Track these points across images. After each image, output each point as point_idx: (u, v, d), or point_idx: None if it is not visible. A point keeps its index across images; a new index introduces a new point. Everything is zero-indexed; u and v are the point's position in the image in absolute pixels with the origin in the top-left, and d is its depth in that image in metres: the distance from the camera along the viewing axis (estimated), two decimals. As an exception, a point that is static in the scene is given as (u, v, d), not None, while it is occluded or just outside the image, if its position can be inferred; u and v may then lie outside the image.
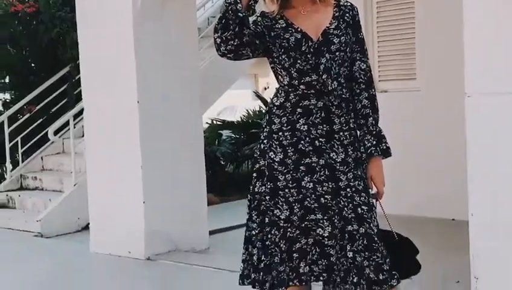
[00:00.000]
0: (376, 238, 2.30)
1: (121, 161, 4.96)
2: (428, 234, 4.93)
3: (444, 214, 5.35)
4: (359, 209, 2.32)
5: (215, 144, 8.40)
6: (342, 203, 2.32)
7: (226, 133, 8.93)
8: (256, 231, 2.41)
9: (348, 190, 2.33)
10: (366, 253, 2.28)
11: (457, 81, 3.25)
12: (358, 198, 2.33)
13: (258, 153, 2.44)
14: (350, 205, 2.32)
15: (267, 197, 2.37)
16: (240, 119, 9.29)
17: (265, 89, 20.33)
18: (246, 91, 17.95)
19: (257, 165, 2.43)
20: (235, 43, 2.30)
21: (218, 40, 2.31)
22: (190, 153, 5.10)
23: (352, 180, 2.34)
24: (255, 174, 2.43)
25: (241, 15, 2.27)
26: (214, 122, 9.09)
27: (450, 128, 4.43)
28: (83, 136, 5.53)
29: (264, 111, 8.84)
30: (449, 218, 5.30)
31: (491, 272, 3.21)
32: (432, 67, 5.56)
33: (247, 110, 9.61)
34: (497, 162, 3.16)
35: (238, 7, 2.26)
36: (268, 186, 2.36)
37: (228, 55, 2.34)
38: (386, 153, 2.42)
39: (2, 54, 7.56)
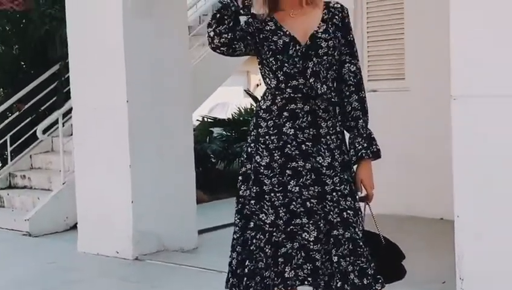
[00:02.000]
0: (361, 243, 2.30)
1: (109, 159, 4.95)
2: (416, 234, 4.95)
3: (432, 214, 5.38)
4: (345, 213, 2.31)
5: (206, 142, 8.39)
6: (328, 207, 2.31)
7: (217, 130, 8.92)
8: (238, 235, 2.40)
9: (334, 194, 2.32)
10: (351, 258, 2.28)
11: (446, 82, 3.26)
12: (344, 202, 2.32)
13: (245, 156, 2.43)
14: (336, 209, 2.31)
15: (252, 202, 2.36)
16: (231, 117, 9.29)
17: (257, 86, 20.32)
18: (238, 88, 17.94)
19: (243, 169, 2.42)
20: (229, 37, 2.31)
21: (212, 34, 2.32)
22: (179, 152, 5.09)
23: (338, 184, 2.33)
24: (240, 178, 2.43)
25: (235, 10, 2.30)
26: (205, 119, 9.08)
27: (439, 128, 4.44)
28: (72, 134, 5.51)
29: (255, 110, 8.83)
30: (437, 217, 5.32)
31: (476, 273, 3.23)
32: (421, 68, 5.58)
33: (238, 108, 9.61)
34: (483, 164, 3.18)
35: (233, 5, 2.29)
36: (254, 190, 2.35)
37: (221, 48, 2.34)
38: (377, 155, 2.41)
39: (-9, 52, 7.52)
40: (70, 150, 5.82)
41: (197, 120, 8.80)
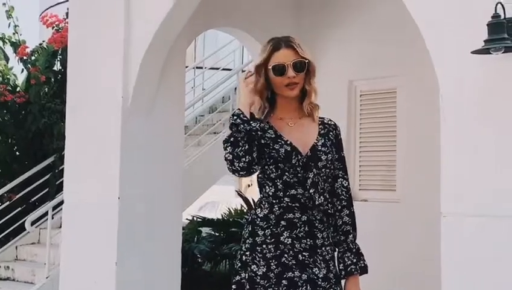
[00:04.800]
0: None
1: (95, 255, 4.88)
2: None
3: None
4: None
5: (194, 241, 8.31)
6: None
7: (205, 230, 8.86)
8: None
9: None
10: None
11: (436, 197, 3.31)
12: None
13: (239, 264, 2.41)
14: None
15: None
16: (220, 217, 9.25)
17: (248, 186, 20.36)
18: (229, 187, 17.97)
19: (237, 277, 2.40)
20: (247, 160, 2.34)
21: (230, 157, 2.35)
22: (167, 252, 5.04)
23: None
24: (234, 286, 2.40)
25: (248, 128, 2.33)
26: (195, 218, 9.03)
27: (428, 243, 4.44)
28: (61, 227, 5.46)
29: (245, 212, 8.87)
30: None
31: None
32: (412, 180, 5.64)
33: (228, 209, 9.59)
34: (472, 283, 3.16)
35: (244, 124, 2.33)
36: None
37: (241, 173, 2.37)
38: (364, 270, 2.44)
39: (-12, 142, 7.59)
40: (57, 243, 5.75)
41: (187, 219, 8.76)
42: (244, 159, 2.33)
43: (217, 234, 8.73)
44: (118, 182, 4.81)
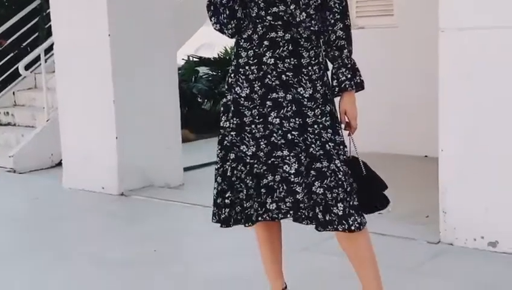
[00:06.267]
0: (341, 176, 2.26)
1: (93, 95, 4.89)
2: (400, 171, 4.98)
3: (417, 152, 5.40)
4: (327, 145, 2.26)
5: (191, 81, 8.31)
6: (310, 140, 2.27)
7: (203, 70, 8.82)
8: (218, 166, 2.38)
9: (316, 126, 2.27)
10: (338, 189, 2.25)
11: (434, 18, 3.21)
12: (325, 134, 2.27)
13: (226, 86, 2.38)
14: (318, 141, 2.26)
15: (232, 133, 2.32)
16: (217, 56, 9.17)
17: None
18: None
19: (224, 100, 2.38)
20: (233, 24, 2.31)
21: (218, 27, 2.32)
22: (164, 89, 5.03)
23: (319, 116, 2.28)
24: (222, 108, 2.39)
25: None
26: (191, 58, 8.96)
27: (426, 66, 4.40)
28: (55, 70, 5.41)
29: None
30: (422, 155, 5.35)
31: (459, 206, 3.27)
32: (409, 4, 5.49)
33: (224, 47, 9.47)
34: (469, 98, 3.17)
35: None
36: (235, 122, 2.32)
37: (234, 36, 2.35)
38: (360, 86, 2.34)
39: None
40: (54, 86, 5.73)
41: (183, 59, 8.68)
42: (230, 25, 2.30)
43: (214, 73, 8.71)
44: (107, 20, 4.68)
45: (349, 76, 2.32)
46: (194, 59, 8.97)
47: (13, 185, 5.46)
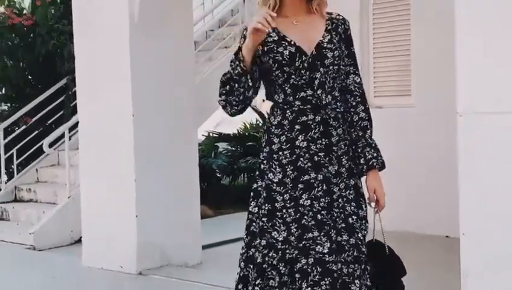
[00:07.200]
0: (363, 249, 2.28)
1: (114, 173, 4.95)
2: (421, 250, 4.92)
3: (437, 231, 5.34)
4: (350, 219, 2.31)
5: (211, 157, 8.39)
6: (335, 214, 2.30)
7: (222, 145, 8.93)
8: (243, 251, 2.38)
9: (340, 200, 2.32)
10: (355, 265, 2.25)
11: (452, 99, 3.25)
12: (349, 208, 2.32)
13: (258, 173, 2.40)
14: (342, 215, 2.30)
15: (264, 219, 2.33)
16: (236, 132, 9.30)
17: (263, 101, 20.25)
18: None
19: (255, 185, 2.40)
20: (239, 108, 2.37)
21: (223, 103, 2.37)
22: (184, 166, 5.08)
23: (344, 190, 2.33)
24: (252, 194, 2.40)
25: (245, 79, 2.30)
26: (211, 134, 9.09)
27: (445, 146, 4.42)
28: (79, 148, 5.51)
29: (261, 126, 8.88)
30: (443, 235, 5.29)
31: (482, 291, 3.20)
32: (427, 84, 5.57)
33: (244, 123, 9.61)
34: (489, 182, 3.15)
35: (241, 70, 2.28)
36: (266, 208, 2.33)
37: (232, 116, 2.41)
38: (383, 166, 2.42)
39: (-1, 66, 7.56)
40: (77, 163, 5.83)
41: (203, 135, 8.81)
42: (236, 108, 2.36)
43: (233, 149, 8.81)
44: (131, 99, 4.80)
45: (375, 154, 2.40)
46: (214, 135, 9.10)
47: (32, 263, 5.46)
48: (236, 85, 2.31)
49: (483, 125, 3.12)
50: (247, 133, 9.04)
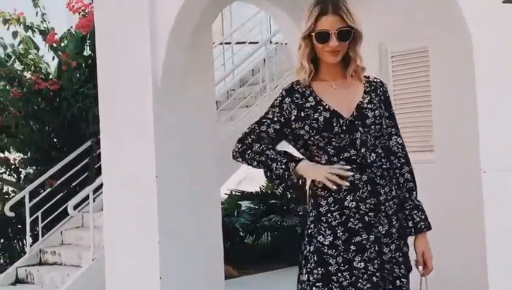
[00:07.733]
0: None
1: (138, 235, 4.96)
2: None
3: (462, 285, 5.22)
4: (398, 281, 2.32)
5: (234, 215, 8.37)
6: (386, 276, 2.31)
7: (245, 203, 8.90)
8: None
9: (390, 262, 2.33)
10: None
11: (475, 155, 3.24)
12: (398, 270, 2.33)
13: (306, 239, 2.37)
14: (389, 276, 2.31)
15: (318, 285, 2.29)
16: (259, 190, 9.29)
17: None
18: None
19: (304, 251, 2.37)
20: (251, 164, 2.46)
21: (236, 155, 2.48)
22: (207, 227, 5.08)
23: (394, 251, 2.34)
24: (302, 261, 2.38)
25: (278, 182, 2.39)
26: (233, 193, 9.08)
27: (467, 203, 4.37)
28: (103, 209, 5.55)
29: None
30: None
31: None
32: (449, 140, 5.54)
33: (266, 181, 9.61)
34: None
35: (285, 177, 2.37)
36: (320, 272, 2.30)
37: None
38: (430, 227, 2.44)
39: (26, 130, 7.70)
40: (101, 225, 5.85)
41: (225, 193, 8.81)
42: (247, 163, 2.44)
43: (256, 207, 8.78)
44: (154, 162, 4.85)
45: (422, 217, 2.41)
46: (237, 193, 9.09)
47: (57, 326, 5.44)
48: (267, 171, 2.39)
49: (508, 182, 3.09)
50: (269, 191, 9.02)
